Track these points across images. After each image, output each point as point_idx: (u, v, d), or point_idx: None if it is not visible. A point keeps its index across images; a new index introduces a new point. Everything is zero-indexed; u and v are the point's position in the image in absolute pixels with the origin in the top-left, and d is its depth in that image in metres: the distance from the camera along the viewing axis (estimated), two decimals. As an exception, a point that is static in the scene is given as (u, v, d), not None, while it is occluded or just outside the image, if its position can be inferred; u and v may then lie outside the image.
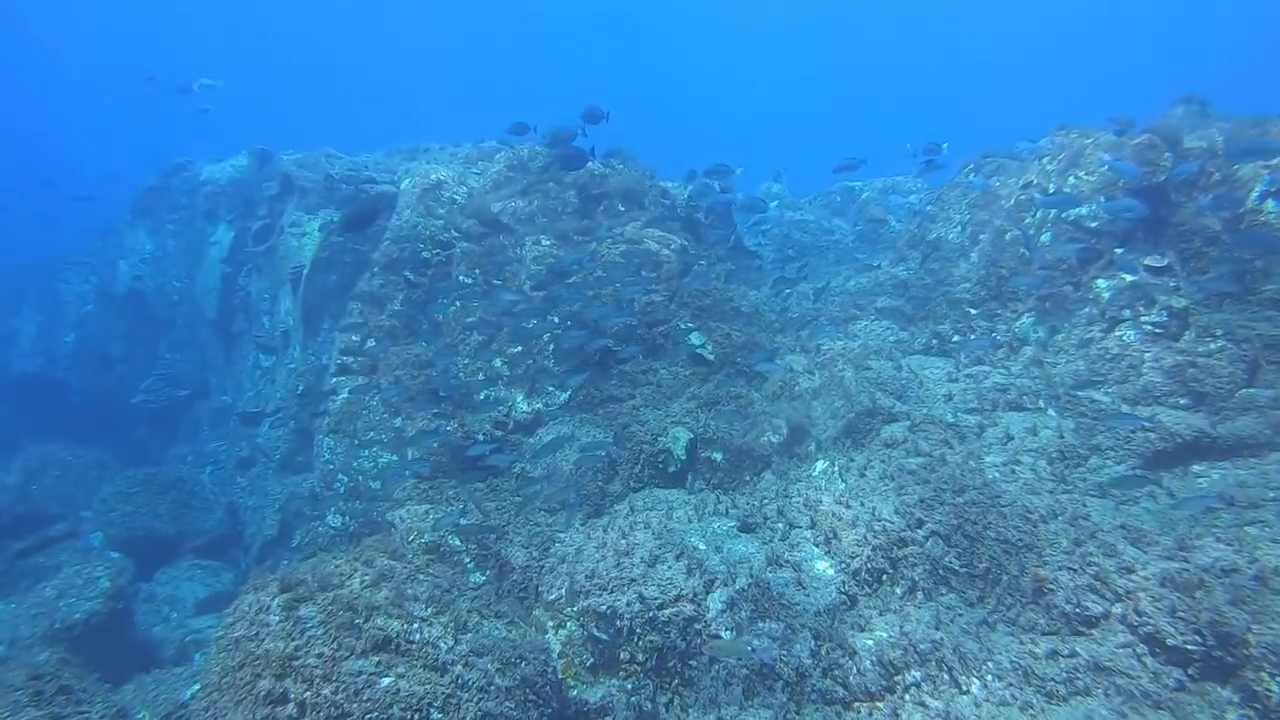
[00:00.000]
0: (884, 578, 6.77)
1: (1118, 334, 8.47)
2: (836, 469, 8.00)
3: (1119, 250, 8.74)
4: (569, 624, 6.73)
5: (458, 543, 7.62)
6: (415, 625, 5.77)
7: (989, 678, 5.75)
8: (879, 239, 14.57)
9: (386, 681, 5.26)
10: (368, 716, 5.01)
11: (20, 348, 19.04)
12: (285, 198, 15.12)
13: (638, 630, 6.52)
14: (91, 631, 8.66)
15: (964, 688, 5.73)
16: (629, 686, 6.42)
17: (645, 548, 7.13)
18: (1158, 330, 8.26)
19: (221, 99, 24.58)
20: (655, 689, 6.42)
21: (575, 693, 6.33)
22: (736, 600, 6.56)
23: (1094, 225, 9.00)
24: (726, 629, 6.38)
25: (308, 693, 5.03)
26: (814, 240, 15.21)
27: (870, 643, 6.11)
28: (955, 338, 9.77)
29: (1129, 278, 8.52)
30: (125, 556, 12.02)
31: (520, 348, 9.64)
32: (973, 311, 9.86)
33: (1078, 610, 5.99)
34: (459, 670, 5.58)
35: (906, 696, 5.74)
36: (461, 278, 10.58)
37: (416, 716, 5.14)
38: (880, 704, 5.75)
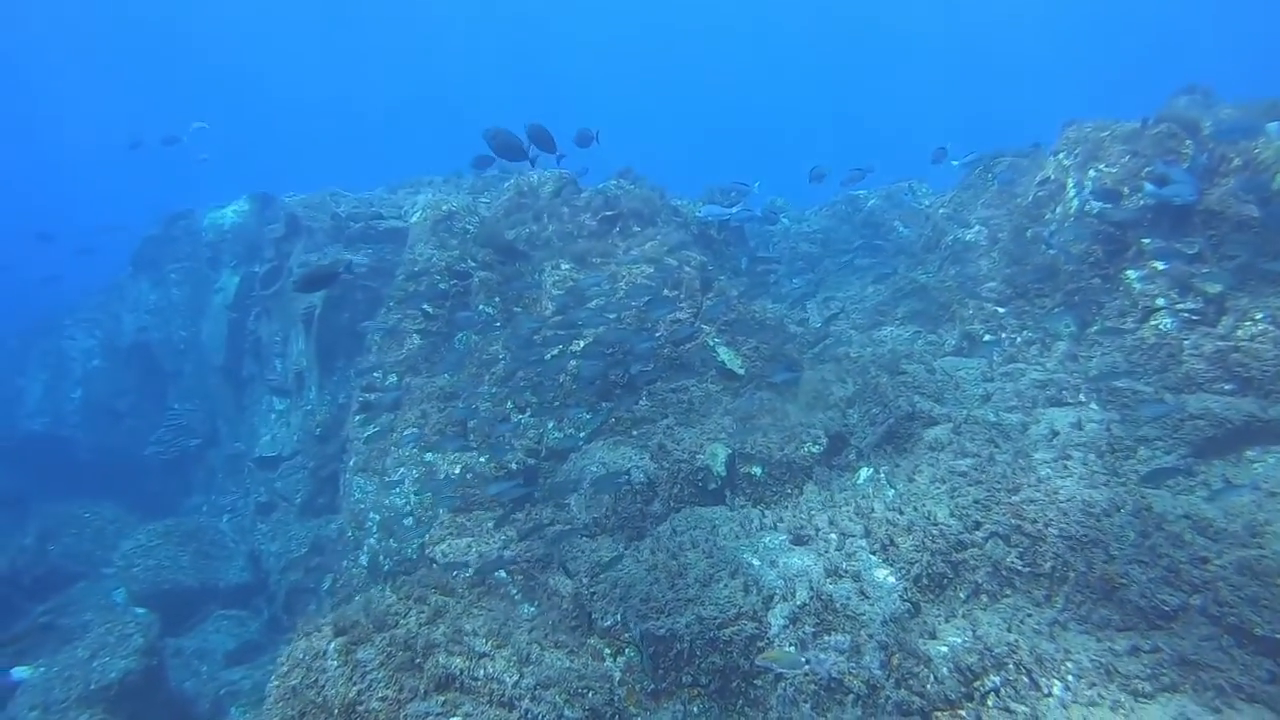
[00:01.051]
0: (946, 582, 6.62)
1: (1153, 323, 8.39)
2: (883, 475, 7.88)
3: (1146, 240, 8.68)
4: (628, 650, 6.55)
5: (504, 574, 7.45)
6: (477, 661, 5.59)
7: (1070, 678, 5.59)
8: (893, 246, 14.53)
9: (455, 721, 5.08)
10: (441, 758, 4.84)
11: (27, 407, 18.82)
12: (292, 239, 15.06)
13: (698, 652, 6.37)
14: (128, 691, 8.42)
15: (1046, 690, 5.56)
16: (694, 710, 6.25)
17: (698, 567, 6.98)
18: (1194, 317, 8.18)
19: (214, 144, 24.54)
20: (720, 711, 6.25)
21: (641, 721, 6.15)
22: (799, 615, 6.40)
23: (1118, 216, 8.95)
24: (791, 645, 6.22)
25: (376, 738, 4.85)
26: (824, 250, 15.18)
27: (944, 649, 5.94)
28: (986, 337, 9.69)
29: (1160, 266, 8.46)
30: (150, 611, 11.81)
31: (546, 374, 9.51)
32: (1000, 310, 9.78)
33: (1153, 605, 5.84)
34: (527, 705, 5.39)
35: (989, 702, 5.56)
36: (481, 306, 10.47)
37: (490, 755, 4.96)
38: (962, 711, 5.57)
